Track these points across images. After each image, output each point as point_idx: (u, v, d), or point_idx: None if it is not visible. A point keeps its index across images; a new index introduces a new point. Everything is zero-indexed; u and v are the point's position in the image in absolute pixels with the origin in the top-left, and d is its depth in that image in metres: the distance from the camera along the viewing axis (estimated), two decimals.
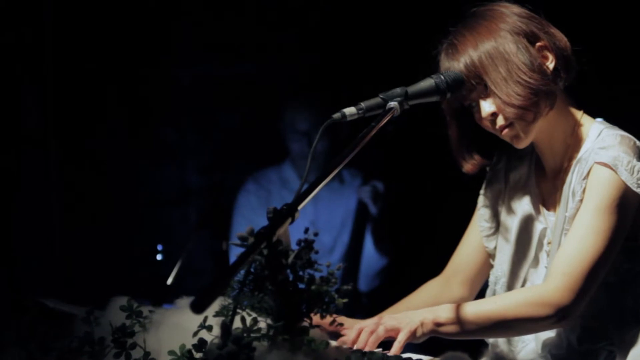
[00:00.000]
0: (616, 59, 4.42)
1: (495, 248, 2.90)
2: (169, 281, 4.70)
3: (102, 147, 5.14)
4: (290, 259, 1.98)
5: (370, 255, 4.91)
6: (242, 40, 5.24)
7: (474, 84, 2.59)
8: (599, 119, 2.73)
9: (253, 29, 5.23)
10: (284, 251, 1.97)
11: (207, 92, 5.42)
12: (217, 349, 1.82)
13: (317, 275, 2.03)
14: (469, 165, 2.76)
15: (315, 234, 2.03)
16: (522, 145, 2.66)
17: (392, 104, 2.44)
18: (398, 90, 2.49)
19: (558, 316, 2.50)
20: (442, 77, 2.53)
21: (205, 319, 2.06)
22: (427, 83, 2.52)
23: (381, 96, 2.47)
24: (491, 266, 2.91)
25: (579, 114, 2.71)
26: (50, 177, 4.89)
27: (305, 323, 2.02)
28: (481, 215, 2.91)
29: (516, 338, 2.77)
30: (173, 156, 5.46)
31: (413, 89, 2.50)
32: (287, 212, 1.99)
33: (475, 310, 2.54)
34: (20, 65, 4.80)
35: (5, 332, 2.33)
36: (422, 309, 2.61)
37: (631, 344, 2.62)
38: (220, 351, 1.81)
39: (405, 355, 2.33)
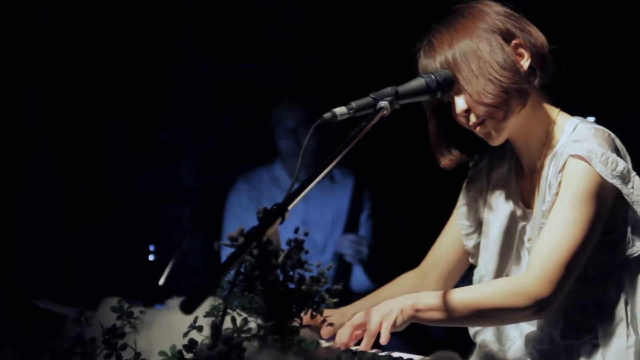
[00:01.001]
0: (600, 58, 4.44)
1: (473, 246, 2.92)
2: (161, 281, 4.70)
3: (98, 146, 5.14)
4: (281, 259, 1.98)
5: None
6: (239, 41, 5.24)
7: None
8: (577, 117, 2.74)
9: (250, 29, 5.23)
10: (274, 251, 1.97)
11: (202, 92, 5.42)
12: (207, 350, 1.82)
13: (308, 275, 2.03)
14: (446, 161, 2.77)
15: (306, 234, 2.03)
16: (495, 142, 2.68)
17: (383, 103, 2.44)
18: (388, 89, 2.48)
19: (536, 307, 2.51)
20: (432, 76, 2.53)
21: (196, 319, 2.06)
22: (418, 82, 2.53)
23: (372, 95, 2.47)
24: (468, 263, 2.94)
25: (555, 112, 2.73)
26: (44, 178, 4.89)
27: (296, 323, 2.02)
28: (461, 213, 2.93)
29: (504, 336, 2.78)
30: (166, 156, 5.45)
31: (403, 88, 2.50)
32: (277, 212, 1.99)
33: (454, 297, 2.55)
34: (19, 65, 4.80)
35: (0, 332, 2.33)
36: (401, 296, 2.60)
37: (615, 337, 2.64)
38: (211, 351, 1.81)
39: (396, 355, 2.33)
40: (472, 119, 2.63)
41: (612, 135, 2.62)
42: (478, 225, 2.91)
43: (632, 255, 2.64)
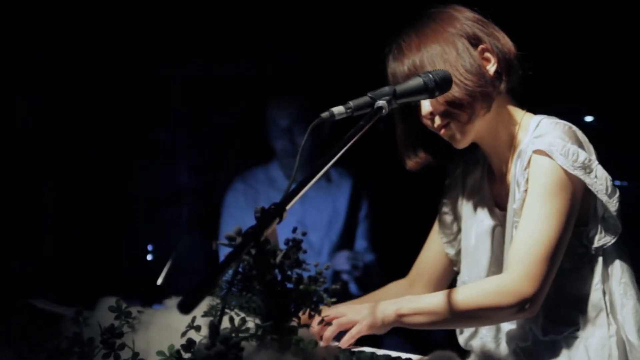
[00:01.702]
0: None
1: (455, 254, 2.96)
2: (159, 281, 4.70)
3: (96, 147, 5.13)
4: (278, 259, 1.98)
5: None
6: (237, 41, 5.24)
7: None
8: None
9: (248, 29, 5.23)
10: (272, 251, 1.97)
11: (200, 92, 5.41)
12: (205, 349, 1.82)
13: (306, 274, 2.03)
14: (412, 163, 2.81)
15: (304, 234, 2.03)
16: (460, 145, 2.71)
17: (381, 102, 2.43)
18: (386, 89, 2.48)
19: (521, 305, 2.52)
20: (430, 75, 2.53)
21: (194, 319, 2.06)
22: (416, 82, 2.52)
23: (369, 95, 2.46)
24: (454, 270, 2.97)
25: (521, 114, 2.76)
26: (41, 178, 4.89)
27: (294, 323, 2.02)
28: (442, 222, 2.98)
29: (500, 336, 2.79)
30: (164, 156, 5.45)
31: (401, 87, 2.50)
32: (275, 212, 1.99)
33: (437, 301, 2.56)
34: (18, 65, 4.80)
35: None
36: (387, 301, 2.63)
37: (596, 328, 2.65)
38: (209, 351, 1.81)
39: (394, 354, 2.34)
40: (437, 121, 2.67)
41: (574, 127, 2.66)
42: (458, 233, 2.95)
43: (605, 245, 2.67)
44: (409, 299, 2.61)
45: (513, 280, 2.53)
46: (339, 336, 2.58)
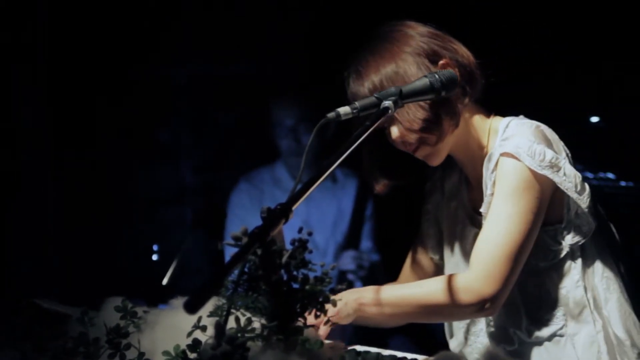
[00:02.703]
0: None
1: (440, 258, 2.95)
2: (165, 281, 4.70)
3: (98, 146, 5.14)
4: (284, 259, 1.97)
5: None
6: (238, 40, 5.24)
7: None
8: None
9: (248, 28, 5.23)
10: (278, 251, 1.96)
11: (202, 91, 5.41)
12: (211, 349, 1.82)
13: (312, 275, 2.03)
14: (379, 187, 2.79)
15: (310, 234, 2.03)
16: (436, 163, 2.70)
17: (387, 103, 2.43)
18: (392, 89, 2.48)
19: (481, 304, 2.51)
20: (436, 75, 2.52)
21: (200, 319, 2.06)
22: (422, 82, 2.51)
23: (376, 95, 2.46)
24: (441, 273, 2.94)
25: (489, 120, 2.74)
26: (45, 178, 4.89)
27: (300, 323, 2.02)
28: (425, 227, 2.98)
29: (486, 341, 2.79)
30: (168, 156, 5.45)
31: (407, 88, 2.49)
32: (281, 212, 1.99)
33: (398, 293, 2.57)
34: (19, 64, 4.80)
35: (1, 332, 2.33)
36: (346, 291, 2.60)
37: (582, 324, 2.65)
38: (215, 351, 1.81)
39: (399, 355, 2.33)
40: (407, 145, 2.65)
41: (542, 126, 2.64)
42: (441, 237, 2.93)
43: (579, 242, 2.67)
44: (370, 289, 2.59)
45: (473, 280, 2.52)
46: (342, 334, 2.57)
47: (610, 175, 4.63)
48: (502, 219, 2.53)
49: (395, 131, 2.63)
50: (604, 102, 4.59)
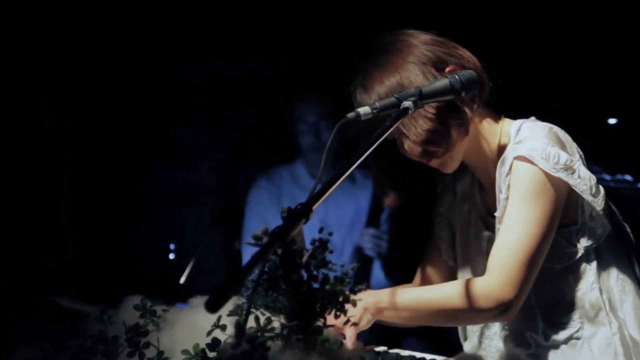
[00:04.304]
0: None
1: (453, 261, 2.94)
2: (182, 280, 4.71)
3: (115, 146, 5.15)
4: (305, 259, 1.97)
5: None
6: (255, 39, 5.24)
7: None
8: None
9: (264, 27, 5.23)
10: (298, 250, 1.96)
11: (219, 90, 5.42)
12: (231, 348, 1.81)
13: (331, 274, 2.02)
14: (390, 200, 2.78)
15: (330, 234, 2.02)
16: (450, 170, 2.69)
17: (407, 103, 2.43)
18: (412, 89, 2.47)
19: (500, 309, 2.51)
20: (456, 76, 2.51)
21: (219, 318, 2.06)
22: (442, 82, 2.50)
23: (395, 96, 2.46)
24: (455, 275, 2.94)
25: (500, 123, 2.72)
26: (63, 177, 4.90)
27: (319, 323, 2.02)
28: (437, 230, 2.97)
29: (500, 346, 2.78)
30: (185, 155, 5.46)
31: (427, 88, 2.49)
32: (301, 212, 1.98)
33: (416, 297, 2.56)
34: (32, 65, 4.81)
35: (18, 331, 2.33)
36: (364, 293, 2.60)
37: (598, 327, 2.64)
38: (234, 350, 1.81)
39: (418, 355, 2.33)
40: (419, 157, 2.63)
41: (555, 128, 2.63)
42: (453, 240, 2.92)
43: (594, 244, 2.66)
44: (388, 293, 2.58)
45: (491, 285, 2.50)
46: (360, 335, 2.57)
47: (628, 177, 4.62)
48: (519, 224, 2.52)
49: (404, 146, 2.62)
50: (622, 104, 4.58)
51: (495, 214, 2.62)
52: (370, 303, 2.54)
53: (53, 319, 2.40)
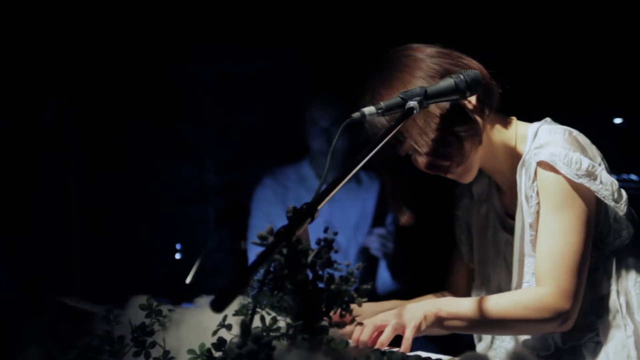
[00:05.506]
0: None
1: (474, 263, 2.92)
2: (188, 280, 4.71)
3: (121, 146, 5.15)
4: (310, 258, 1.97)
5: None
6: (262, 38, 5.24)
7: (400, 139, 2.58)
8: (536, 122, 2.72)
9: (273, 26, 5.23)
10: (304, 250, 1.97)
11: (226, 90, 5.42)
12: (236, 348, 1.82)
13: (337, 274, 2.03)
14: (405, 218, 2.76)
15: (335, 233, 2.03)
16: (467, 180, 2.68)
17: (412, 103, 2.43)
18: (417, 89, 2.47)
19: (560, 319, 2.51)
20: (461, 76, 2.51)
21: (225, 317, 2.06)
22: (447, 83, 2.50)
23: (400, 95, 2.46)
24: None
25: (513, 126, 2.71)
26: (70, 177, 4.91)
27: (325, 322, 2.02)
28: (457, 233, 2.96)
29: (518, 347, 2.78)
30: (191, 155, 5.46)
31: (432, 88, 2.49)
32: (306, 212, 1.99)
33: (477, 307, 2.55)
34: (41, 65, 4.82)
35: (25, 330, 2.34)
36: (424, 301, 2.61)
37: (614, 329, 2.64)
38: (240, 350, 1.81)
39: (424, 355, 2.33)
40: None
41: (574, 132, 2.63)
42: (472, 242, 2.91)
43: (617, 246, 2.66)
44: (448, 302, 2.58)
45: (549, 297, 2.51)
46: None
47: (634, 177, 4.61)
48: (558, 234, 2.52)
49: (417, 160, 2.61)
50: (627, 104, 4.58)
51: (528, 221, 2.60)
52: (430, 312, 2.53)
53: (59, 319, 2.40)
